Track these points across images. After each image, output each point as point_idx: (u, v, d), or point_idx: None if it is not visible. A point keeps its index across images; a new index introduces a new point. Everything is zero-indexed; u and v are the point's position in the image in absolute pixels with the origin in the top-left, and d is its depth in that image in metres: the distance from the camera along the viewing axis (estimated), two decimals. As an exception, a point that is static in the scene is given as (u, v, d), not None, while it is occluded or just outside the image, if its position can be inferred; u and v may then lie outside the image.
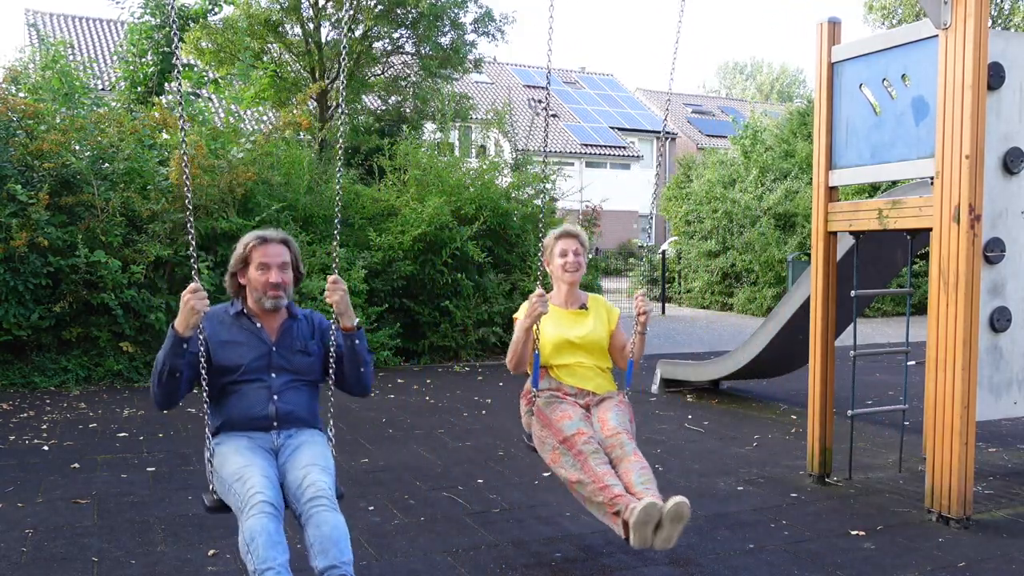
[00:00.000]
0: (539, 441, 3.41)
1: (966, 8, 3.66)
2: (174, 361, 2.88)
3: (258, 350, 3.07)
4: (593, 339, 3.61)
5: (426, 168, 9.77)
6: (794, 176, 15.69)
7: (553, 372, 3.57)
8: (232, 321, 3.12)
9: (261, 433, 2.99)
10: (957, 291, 3.77)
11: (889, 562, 3.42)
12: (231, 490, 2.79)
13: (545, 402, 3.46)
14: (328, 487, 2.79)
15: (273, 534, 2.61)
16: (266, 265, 3.08)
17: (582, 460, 3.19)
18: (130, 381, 7.61)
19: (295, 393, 3.08)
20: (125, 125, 8.37)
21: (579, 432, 3.27)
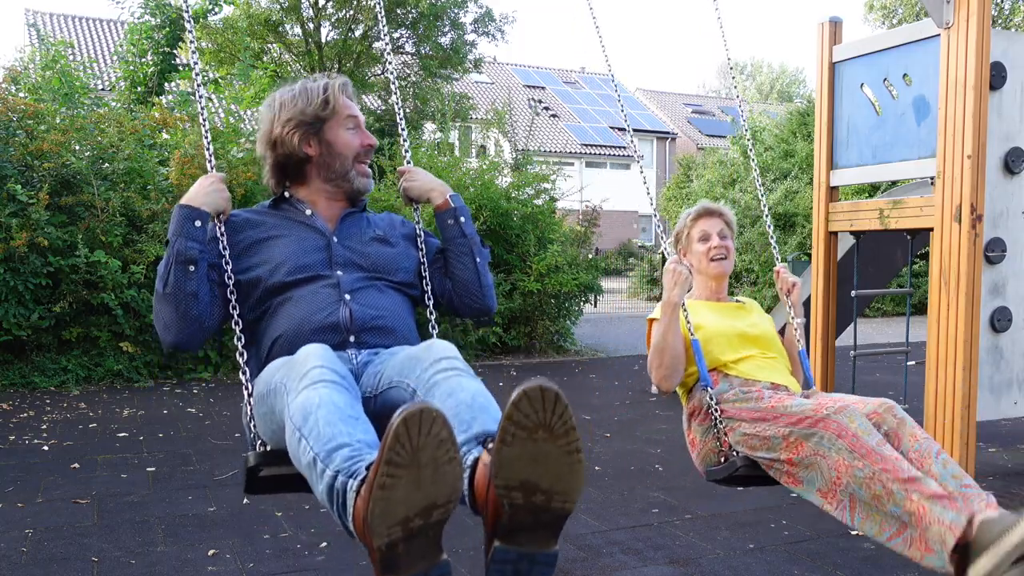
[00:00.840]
0: (758, 442, 2.38)
1: (968, 8, 3.66)
2: (183, 245, 1.94)
3: (311, 241, 2.08)
4: (768, 333, 2.78)
5: (426, 168, 9.76)
6: (794, 176, 15.69)
7: (730, 369, 2.65)
8: (267, 214, 2.15)
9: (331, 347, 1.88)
10: (958, 291, 3.76)
11: (889, 562, 3.42)
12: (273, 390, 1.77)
13: (740, 399, 2.51)
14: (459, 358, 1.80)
15: (342, 405, 1.63)
16: (357, 120, 2.19)
17: (852, 437, 2.13)
18: (130, 381, 7.60)
19: (378, 295, 2.06)
20: (125, 125, 8.36)
21: (820, 403, 2.29)
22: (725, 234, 2.86)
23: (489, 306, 2.25)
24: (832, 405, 2.24)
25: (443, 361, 1.74)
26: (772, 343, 2.77)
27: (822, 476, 2.19)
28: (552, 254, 9.65)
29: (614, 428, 5.99)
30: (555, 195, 10.73)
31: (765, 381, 2.61)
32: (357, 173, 2.15)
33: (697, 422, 2.66)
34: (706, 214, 2.87)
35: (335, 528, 3.78)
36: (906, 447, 2.21)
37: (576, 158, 33.20)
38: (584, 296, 10.48)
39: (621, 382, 8.01)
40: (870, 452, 2.09)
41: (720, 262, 2.83)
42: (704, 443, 2.61)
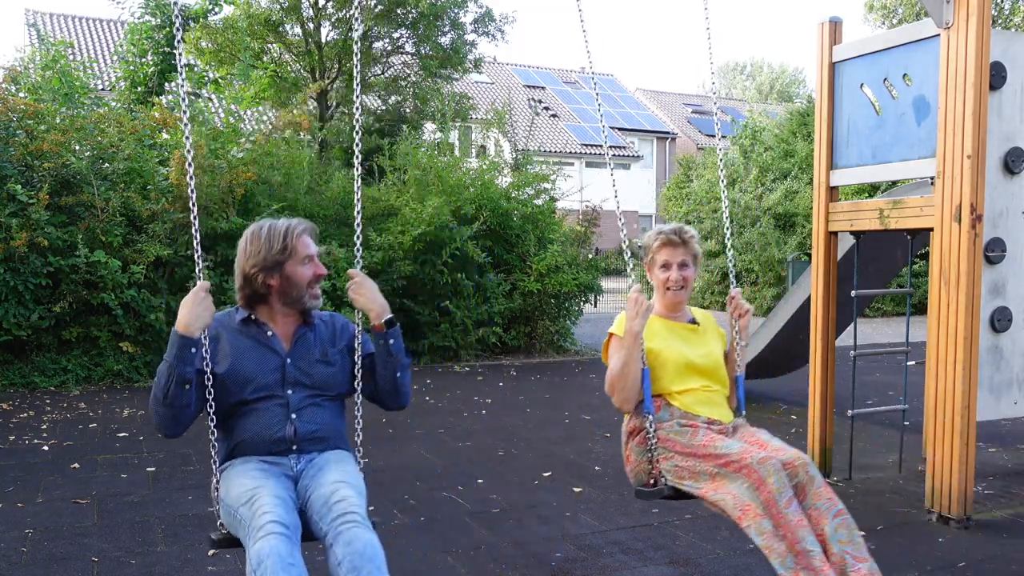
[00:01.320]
0: (687, 475, 2.71)
1: (968, 7, 3.66)
2: (182, 369, 2.42)
3: (270, 362, 2.58)
4: (716, 362, 2.96)
5: (426, 168, 9.77)
6: (794, 176, 15.69)
7: (674, 399, 2.87)
8: (238, 329, 2.62)
9: (278, 457, 2.54)
10: (958, 291, 3.76)
11: (889, 562, 3.42)
12: (237, 516, 2.36)
13: (676, 432, 2.77)
14: (359, 504, 2.37)
15: (286, 556, 2.17)
16: (311, 256, 2.62)
17: (764, 490, 2.48)
18: (130, 381, 7.60)
19: (317, 411, 2.62)
20: (125, 125, 8.36)
21: (746, 450, 2.59)
22: (686, 263, 2.99)
23: (403, 406, 2.82)
24: (756, 454, 2.56)
25: (347, 515, 2.31)
26: (716, 372, 2.95)
27: (735, 507, 2.56)
28: (552, 254, 9.65)
29: (614, 428, 5.99)
30: (555, 195, 10.72)
31: (703, 416, 2.84)
32: (309, 296, 2.64)
33: (636, 442, 2.89)
34: (669, 244, 3.00)
35: (335, 528, 3.79)
36: (809, 503, 2.54)
37: (576, 158, 33.19)
38: (584, 296, 10.47)
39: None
40: (779, 514, 2.45)
41: (677, 292, 2.99)
42: (638, 463, 2.88)
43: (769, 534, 2.45)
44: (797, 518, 2.45)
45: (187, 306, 2.45)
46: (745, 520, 2.50)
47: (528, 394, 7.38)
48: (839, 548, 2.48)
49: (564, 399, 7.15)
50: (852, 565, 2.44)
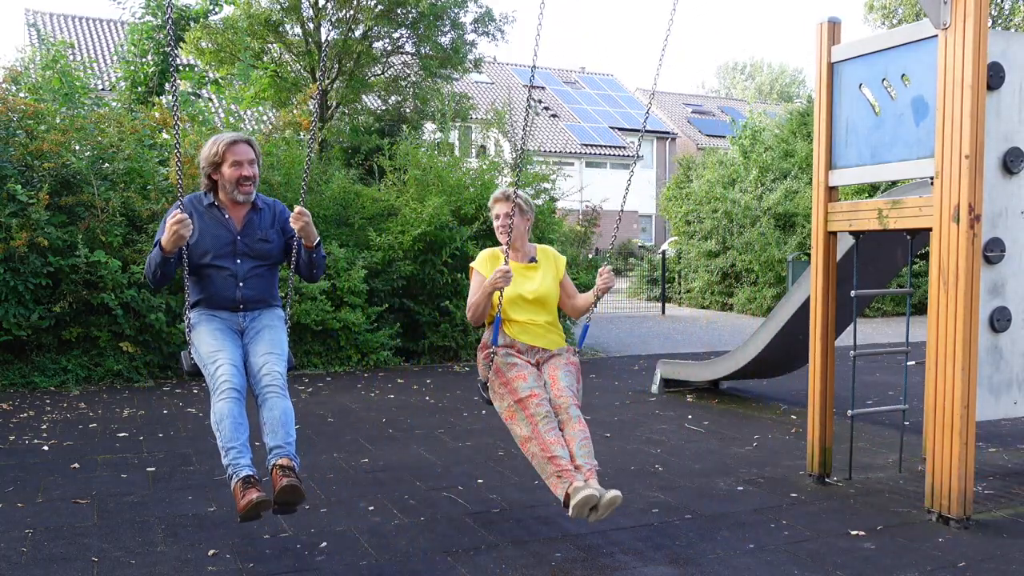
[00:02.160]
0: (496, 395, 3.74)
1: (965, 8, 3.66)
2: (164, 267, 3.48)
3: (225, 238, 3.61)
4: (544, 293, 3.92)
5: (426, 168, 9.77)
6: (794, 176, 15.69)
7: (507, 327, 3.87)
8: (205, 211, 3.64)
9: (229, 313, 3.61)
10: (957, 291, 3.77)
11: (889, 562, 3.42)
12: (206, 369, 3.43)
13: (503, 361, 3.76)
14: (281, 374, 3.43)
15: (237, 416, 3.27)
16: (238, 163, 3.60)
17: (533, 424, 3.54)
18: (130, 381, 7.61)
19: (258, 280, 3.66)
20: (125, 125, 8.37)
21: (532, 394, 3.61)
22: (510, 214, 3.90)
23: (314, 281, 3.96)
24: (535, 400, 3.60)
25: (270, 387, 3.41)
26: (545, 303, 3.93)
27: (518, 435, 3.62)
28: (552, 254, 9.64)
29: (614, 428, 5.99)
30: (555, 195, 10.73)
31: (524, 343, 3.85)
32: (239, 192, 3.64)
33: (482, 355, 3.89)
34: (497, 199, 3.98)
35: (335, 528, 3.79)
36: (567, 432, 3.58)
37: (576, 158, 33.20)
38: (584, 296, 10.46)
39: (621, 382, 8.01)
40: (540, 436, 3.52)
41: (504, 234, 3.88)
42: (482, 370, 3.88)
43: (535, 455, 3.51)
44: (551, 437, 3.50)
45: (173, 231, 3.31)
46: (524, 448, 3.58)
47: (528, 394, 7.38)
48: (581, 460, 3.49)
49: (564, 399, 7.14)
50: (587, 465, 3.47)
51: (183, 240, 3.35)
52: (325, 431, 5.78)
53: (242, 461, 3.23)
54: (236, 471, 3.21)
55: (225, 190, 3.63)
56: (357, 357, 8.71)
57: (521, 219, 3.96)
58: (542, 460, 3.48)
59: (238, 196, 3.62)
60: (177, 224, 3.32)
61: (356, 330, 8.56)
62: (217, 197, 3.66)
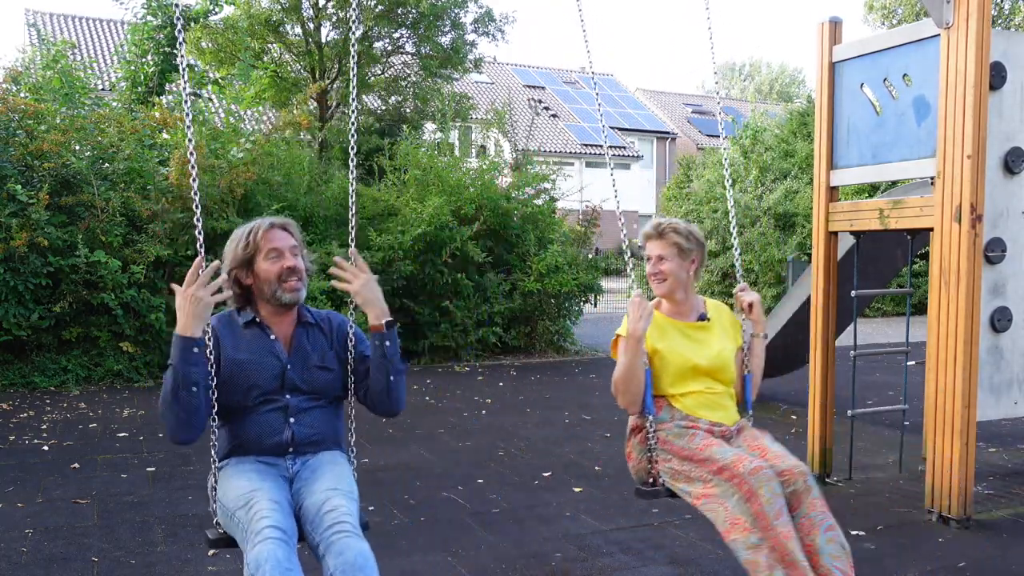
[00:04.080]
0: (682, 479, 2.73)
1: (968, 7, 3.66)
2: (187, 370, 2.41)
3: (272, 369, 2.63)
4: (723, 362, 2.92)
5: (426, 168, 9.77)
6: (794, 176, 15.69)
7: (676, 402, 2.87)
8: (242, 331, 2.66)
9: (274, 458, 2.61)
10: (958, 291, 3.76)
11: (889, 562, 3.42)
12: (234, 519, 2.42)
13: (675, 434, 2.80)
14: (351, 513, 2.42)
15: (283, 561, 2.22)
16: (278, 251, 2.64)
17: (755, 502, 2.48)
18: (130, 381, 7.60)
19: (313, 415, 2.67)
20: (125, 125, 8.36)
21: (739, 458, 2.59)
22: (663, 256, 2.93)
23: (395, 412, 2.76)
24: (748, 464, 2.55)
25: (338, 525, 2.35)
26: (722, 373, 2.92)
27: (725, 520, 2.55)
28: (552, 254, 9.65)
29: (614, 428, 5.99)
30: (555, 195, 10.72)
31: (705, 419, 2.84)
32: (283, 291, 2.64)
33: (638, 440, 2.93)
34: (650, 236, 3.00)
35: (335, 528, 3.78)
36: (803, 512, 2.55)
37: (576, 158, 33.19)
38: (584, 296, 10.47)
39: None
40: (767, 526, 2.45)
41: (659, 284, 2.96)
42: (639, 461, 2.92)
43: (755, 548, 2.45)
44: (786, 530, 2.44)
45: (182, 307, 2.44)
46: (732, 534, 2.51)
47: (528, 394, 7.38)
48: (829, 562, 2.49)
49: (564, 399, 7.15)
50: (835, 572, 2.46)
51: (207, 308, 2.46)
52: (325, 431, 5.77)
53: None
54: None
55: (263, 296, 2.65)
56: (357, 357, 8.69)
57: (681, 262, 2.94)
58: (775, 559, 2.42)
59: (284, 297, 2.63)
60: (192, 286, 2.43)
61: (356, 330, 8.54)
62: (257, 313, 2.69)
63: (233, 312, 2.71)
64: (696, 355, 2.89)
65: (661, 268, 2.93)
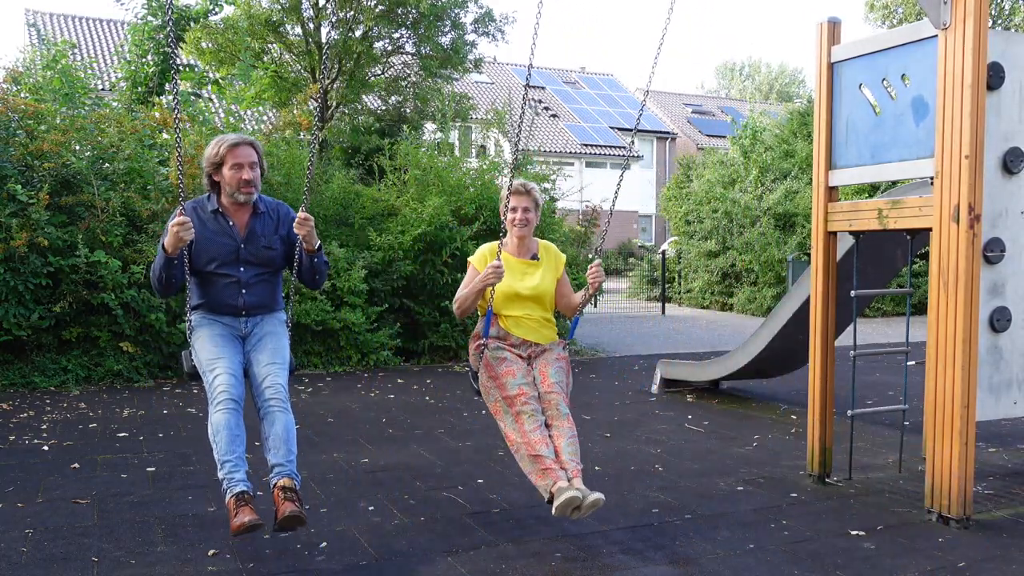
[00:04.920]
0: (484, 388, 3.77)
1: (965, 8, 3.66)
2: (168, 271, 3.44)
3: (229, 246, 3.59)
4: (542, 291, 3.93)
5: (426, 168, 9.77)
6: (794, 176, 15.69)
7: (501, 321, 3.88)
8: (208, 217, 3.61)
9: (231, 318, 3.59)
10: (957, 291, 3.77)
11: (889, 562, 3.42)
12: (204, 376, 3.43)
13: (493, 354, 3.76)
14: (283, 387, 3.43)
15: (234, 428, 3.27)
16: (239, 165, 3.55)
17: (520, 422, 3.57)
18: (130, 381, 7.61)
19: (261, 286, 3.64)
20: (125, 125, 8.37)
21: (520, 392, 3.63)
22: (528, 208, 3.94)
23: (317, 289, 4.19)
24: (525, 395, 3.63)
25: (272, 400, 3.42)
26: (541, 300, 3.93)
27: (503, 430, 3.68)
28: (552, 254, 9.64)
29: (614, 428, 5.99)
30: (555, 195, 10.72)
31: (517, 336, 3.87)
32: (240, 194, 3.59)
33: (473, 345, 3.91)
34: (516, 192, 3.94)
35: (335, 528, 3.79)
36: (555, 431, 3.61)
37: (576, 158, 33.18)
38: (584, 296, 10.45)
39: (621, 382, 8.01)
40: (525, 435, 3.56)
41: (521, 227, 3.94)
42: (473, 359, 3.91)
43: (520, 452, 3.55)
44: (537, 436, 3.52)
45: (174, 233, 3.33)
46: (509, 444, 3.63)
47: (528, 394, 7.37)
48: (568, 457, 3.52)
49: (564, 399, 7.14)
50: (573, 464, 3.49)
51: (184, 242, 3.38)
52: (325, 431, 5.78)
53: (237, 475, 3.22)
54: (231, 486, 3.20)
55: (226, 192, 3.60)
56: (357, 357, 8.71)
57: (535, 215, 3.99)
58: (527, 457, 3.51)
59: (239, 197, 3.58)
60: (178, 226, 3.33)
61: (356, 330, 8.56)
62: (220, 201, 3.63)
63: (204, 198, 3.66)
64: (519, 285, 3.88)
65: (527, 216, 3.94)
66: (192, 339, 3.55)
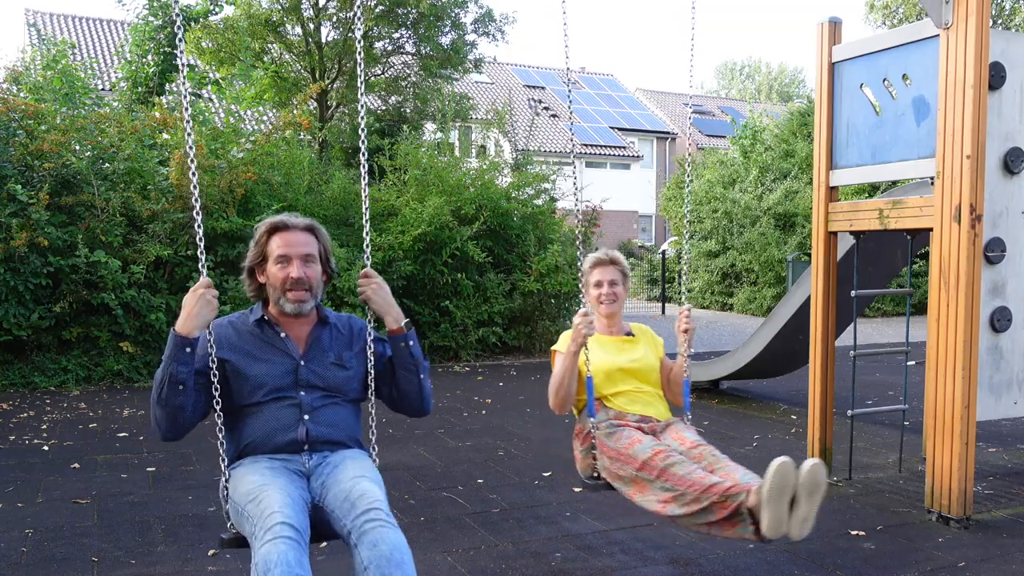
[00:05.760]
0: (613, 477, 3.02)
1: (967, 8, 3.66)
2: (176, 369, 2.35)
3: (283, 366, 2.52)
4: (647, 365, 3.31)
5: (426, 168, 9.77)
6: (794, 176, 15.69)
7: (609, 402, 3.21)
8: (251, 330, 2.57)
9: (290, 455, 2.47)
10: (957, 291, 3.76)
11: (889, 562, 3.42)
12: (244, 513, 2.28)
13: (607, 434, 3.07)
14: (384, 501, 2.32)
15: (294, 566, 2.07)
16: (286, 257, 2.52)
17: (669, 475, 2.79)
18: (130, 381, 7.60)
19: (329, 413, 2.55)
20: (125, 125, 8.37)
21: (657, 451, 2.89)
22: (616, 280, 3.36)
23: (426, 412, 2.76)
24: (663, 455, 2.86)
25: (370, 512, 2.24)
26: (648, 375, 3.30)
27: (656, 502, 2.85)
28: (552, 254, 9.65)
29: (614, 428, 5.98)
30: (555, 195, 10.72)
31: (635, 413, 3.17)
32: (286, 300, 2.54)
33: (579, 442, 3.23)
34: (600, 264, 3.39)
35: (335, 528, 3.78)
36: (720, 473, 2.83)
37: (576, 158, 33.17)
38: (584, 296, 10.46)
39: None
40: (682, 480, 2.75)
41: (608, 305, 3.35)
42: (584, 460, 3.20)
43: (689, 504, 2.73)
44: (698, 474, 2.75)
45: (188, 305, 2.39)
46: (666, 508, 2.79)
47: (528, 394, 7.38)
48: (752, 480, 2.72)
49: (564, 399, 7.14)
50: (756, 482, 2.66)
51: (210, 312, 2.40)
52: (325, 431, 5.77)
53: None
54: None
55: (272, 298, 2.57)
56: (357, 357, 8.70)
57: (624, 288, 3.41)
58: (699, 500, 2.69)
59: (286, 307, 2.54)
60: (205, 288, 2.39)
61: (356, 330, 8.55)
62: (267, 311, 2.60)
63: (246, 312, 2.64)
64: (620, 359, 3.27)
65: (615, 291, 3.36)
66: (228, 493, 2.42)
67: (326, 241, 2.63)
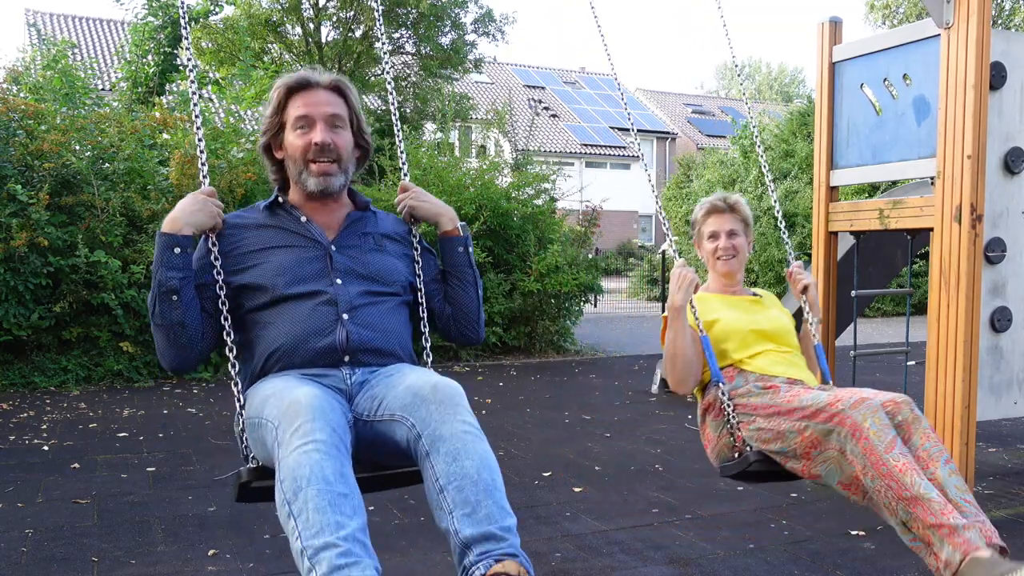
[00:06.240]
0: (767, 435, 2.40)
1: (968, 7, 3.66)
2: (165, 276, 1.88)
3: (309, 251, 2.01)
4: (783, 327, 2.74)
5: (426, 168, 9.77)
6: (794, 176, 15.70)
7: (747, 365, 2.62)
8: (262, 220, 2.07)
9: (325, 369, 1.94)
10: (958, 291, 3.77)
11: (889, 562, 3.42)
12: (261, 422, 1.75)
13: (755, 394, 2.50)
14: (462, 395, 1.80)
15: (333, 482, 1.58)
16: (306, 118, 2.02)
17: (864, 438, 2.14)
18: (130, 381, 7.61)
19: (376, 312, 2.00)
20: (125, 125, 8.37)
21: (836, 396, 2.26)
22: (735, 231, 2.82)
23: (482, 336, 2.32)
24: (848, 399, 2.21)
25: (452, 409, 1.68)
26: (788, 338, 2.74)
27: (842, 471, 2.24)
28: (552, 254, 9.65)
29: (614, 428, 5.99)
30: (555, 195, 10.72)
31: (782, 376, 2.59)
32: (309, 174, 2.02)
33: (711, 417, 2.66)
34: (715, 210, 2.84)
35: (335, 528, 3.78)
36: (916, 444, 2.23)
37: (576, 158, 33.19)
38: (584, 296, 10.47)
39: (621, 382, 8.00)
40: (879, 461, 2.11)
41: (727, 261, 2.81)
42: (718, 438, 2.62)
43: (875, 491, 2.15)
44: (903, 462, 2.10)
45: (181, 204, 2.01)
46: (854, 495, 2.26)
47: (528, 394, 7.38)
48: (957, 495, 2.13)
49: (564, 399, 7.15)
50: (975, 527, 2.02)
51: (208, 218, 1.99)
52: (325, 431, 5.77)
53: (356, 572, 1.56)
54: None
55: (292, 175, 2.09)
56: (357, 357, 8.70)
57: (746, 240, 2.88)
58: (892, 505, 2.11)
59: (309, 183, 2.04)
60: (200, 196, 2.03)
61: (356, 330, 8.55)
62: (284, 194, 2.14)
63: (255, 204, 2.20)
64: (755, 321, 2.71)
65: (734, 243, 2.80)
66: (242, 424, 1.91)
67: (357, 104, 2.14)
